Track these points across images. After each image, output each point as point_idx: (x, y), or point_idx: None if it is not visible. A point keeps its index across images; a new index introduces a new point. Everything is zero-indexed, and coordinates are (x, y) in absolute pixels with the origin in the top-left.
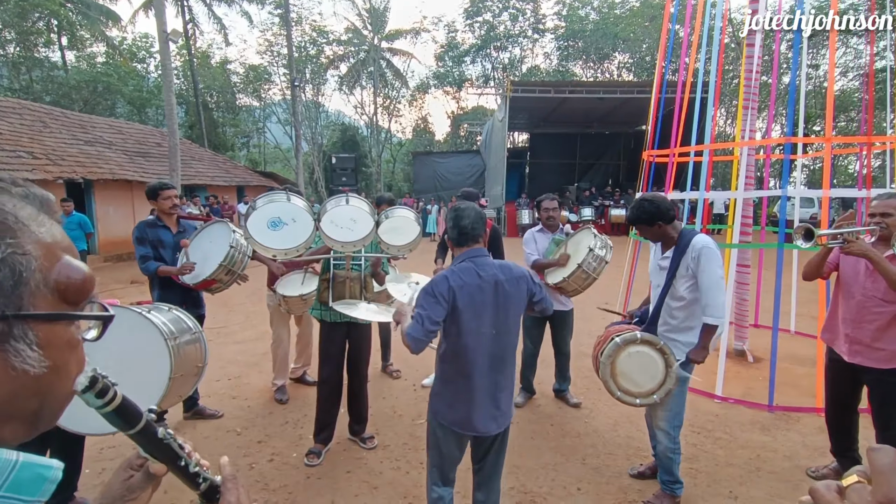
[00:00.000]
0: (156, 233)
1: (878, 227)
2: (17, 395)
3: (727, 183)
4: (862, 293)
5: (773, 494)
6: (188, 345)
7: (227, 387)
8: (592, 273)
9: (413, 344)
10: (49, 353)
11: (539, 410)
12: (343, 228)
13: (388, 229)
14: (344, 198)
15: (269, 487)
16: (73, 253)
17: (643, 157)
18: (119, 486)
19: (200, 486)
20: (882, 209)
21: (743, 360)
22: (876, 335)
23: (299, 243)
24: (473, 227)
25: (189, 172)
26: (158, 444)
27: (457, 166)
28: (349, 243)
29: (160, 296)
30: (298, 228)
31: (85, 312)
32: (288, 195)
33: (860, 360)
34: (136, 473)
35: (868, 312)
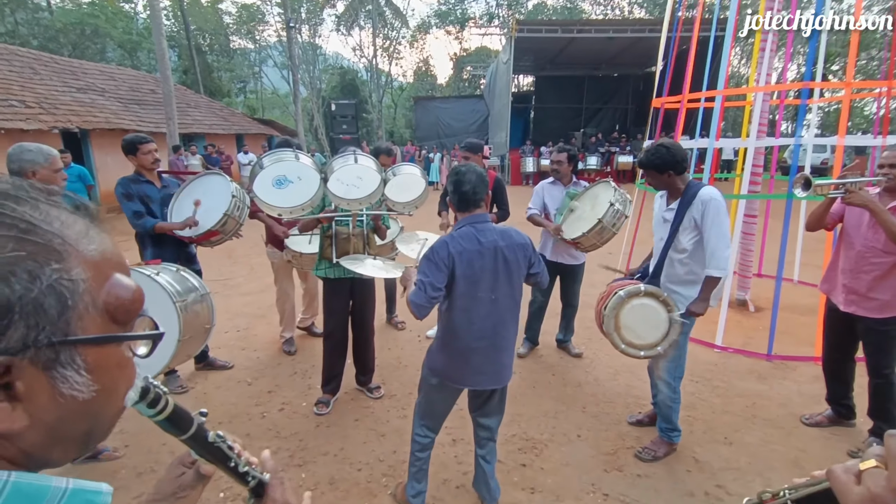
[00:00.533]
0: (141, 188)
1: (885, 179)
2: (66, 420)
3: (738, 127)
4: (862, 244)
5: (766, 441)
6: (196, 305)
7: (235, 338)
8: (612, 228)
9: (416, 310)
10: (98, 377)
11: (541, 361)
12: (349, 186)
13: (394, 186)
14: (352, 156)
15: (281, 435)
16: (124, 268)
17: (653, 105)
18: (171, 484)
19: (249, 483)
20: (891, 160)
21: (744, 309)
22: (872, 285)
23: (304, 201)
24: (475, 191)
25: (186, 121)
26: (209, 447)
27: (460, 112)
28: (355, 200)
29: (153, 254)
30: (304, 186)
31: (135, 333)
32: (296, 153)
33: (854, 309)
34: (187, 471)
35: (866, 263)
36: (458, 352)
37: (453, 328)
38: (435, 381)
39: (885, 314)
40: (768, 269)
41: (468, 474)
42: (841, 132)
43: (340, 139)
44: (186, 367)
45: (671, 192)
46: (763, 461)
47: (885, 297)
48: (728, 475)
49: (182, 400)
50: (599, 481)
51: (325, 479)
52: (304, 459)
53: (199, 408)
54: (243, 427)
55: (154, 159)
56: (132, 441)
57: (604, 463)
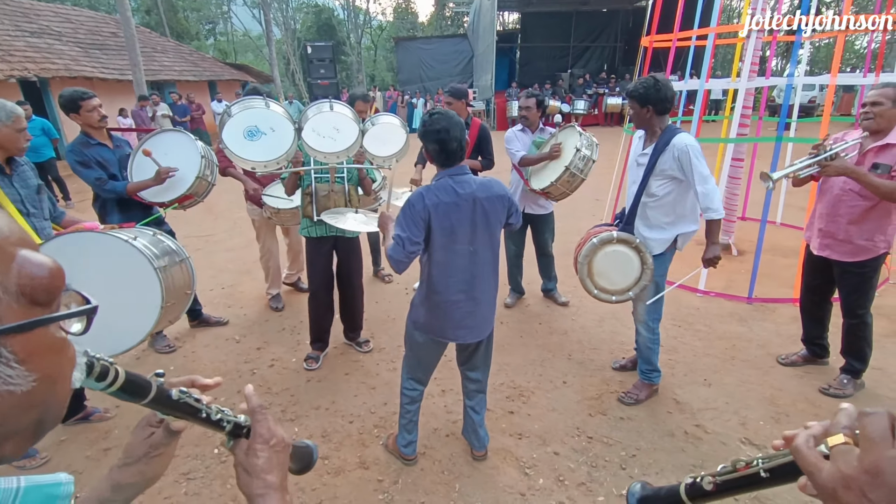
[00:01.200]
0: (96, 152)
1: (866, 118)
2: (9, 416)
3: (727, 65)
4: (840, 187)
5: (744, 381)
6: (175, 269)
7: (221, 296)
8: (580, 174)
9: (395, 265)
10: (33, 366)
11: (528, 310)
12: (326, 138)
13: (373, 137)
14: (327, 103)
15: (272, 391)
16: (29, 244)
17: (642, 44)
18: (141, 446)
19: (226, 427)
20: (873, 98)
21: (727, 253)
22: (847, 229)
23: (280, 154)
24: (461, 147)
25: (153, 67)
26: (175, 405)
27: (443, 53)
28: (333, 154)
29: (121, 219)
30: (278, 138)
31: (61, 312)
32: (266, 101)
33: (828, 253)
34: (156, 431)
35: (843, 206)
36: (438, 305)
37: (433, 281)
38: (419, 336)
39: (858, 258)
40: (752, 212)
41: (457, 423)
42: (834, 71)
43: (318, 84)
44: (175, 325)
45: (648, 133)
46: (740, 400)
47: (860, 241)
48: (707, 415)
49: (170, 360)
50: (584, 425)
51: (317, 433)
52: (296, 414)
53: (188, 367)
54: (234, 384)
55: (101, 116)
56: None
57: (588, 407)
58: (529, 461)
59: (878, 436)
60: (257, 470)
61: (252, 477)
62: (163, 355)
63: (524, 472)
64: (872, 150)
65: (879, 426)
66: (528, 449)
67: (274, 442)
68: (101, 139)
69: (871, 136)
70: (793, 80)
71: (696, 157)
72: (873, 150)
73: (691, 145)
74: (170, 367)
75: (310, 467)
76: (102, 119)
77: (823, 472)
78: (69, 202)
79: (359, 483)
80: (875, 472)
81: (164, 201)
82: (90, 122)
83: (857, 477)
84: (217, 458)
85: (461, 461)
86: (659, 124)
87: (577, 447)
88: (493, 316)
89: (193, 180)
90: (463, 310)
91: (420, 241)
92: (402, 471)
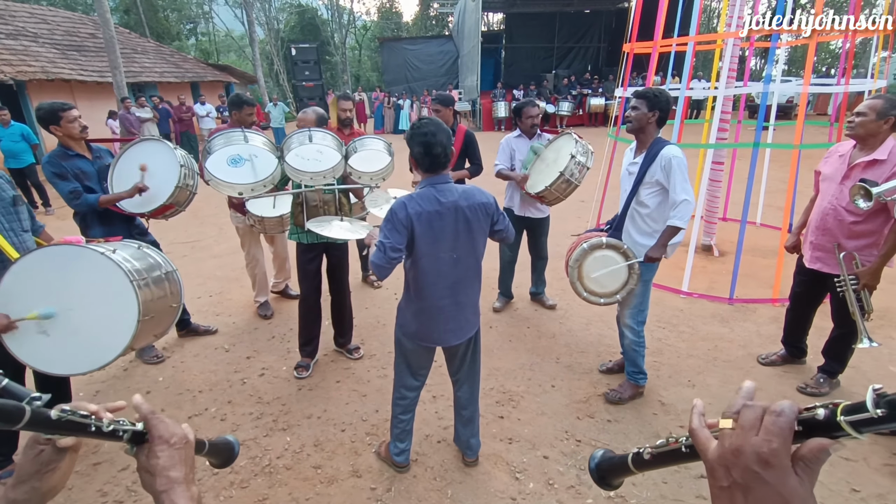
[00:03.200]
0: (74, 164)
1: (849, 126)
2: None
3: (708, 64)
4: (829, 201)
5: (726, 381)
6: (159, 284)
7: (209, 304)
8: (574, 180)
9: (377, 271)
10: None
11: (517, 314)
12: (310, 160)
13: (358, 159)
14: (307, 134)
15: (263, 400)
16: None
17: (624, 49)
18: (32, 464)
19: (123, 437)
20: (860, 108)
21: (709, 254)
22: (841, 243)
23: (265, 177)
24: (446, 154)
25: (134, 69)
26: (57, 425)
27: (428, 54)
28: (318, 174)
29: (103, 232)
30: (261, 162)
31: None
32: (244, 135)
33: (819, 266)
34: (45, 448)
35: (831, 220)
36: (422, 311)
37: (418, 287)
38: (407, 342)
39: (852, 271)
40: (733, 212)
41: (449, 429)
42: (806, 79)
43: (303, 86)
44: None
45: (641, 141)
46: (723, 401)
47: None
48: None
49: (159, 371)
50: (573, 428)
51: (310, 442)
52: (288, 423)
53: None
54: (224, 394)
55: (82, 127)
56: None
57: (577, 411)
58: (520, 465)
59: (748, 424)
60: (159, 469)
61: (155, 476)
62: (151, 366)
63: (514, 477)
64: (860, 165)
65: (751, 416)
66: (519, 453)
67: (174, 440)
68: (80, 150)
69: (861, 149)
70: (768, 87)
71: (679, 169)
72: (861, 164)
73: (677, 157)
74: (159, 378)
75: (231, 460)
76: (83, 130)
77: (709, 450)
78: (49, 209)
79: (352, 492)
80: (737, 453)
81: (145, 212)
82: (71, 134)
83: (726, 456)
84: (210, 471)
85: (453, 467)
86: (653, 133)
87: (566, 450)
88: (476, 318)
89: (173, 190)
90: (447, 314)
91: (402, 248)
92: (394, 478)
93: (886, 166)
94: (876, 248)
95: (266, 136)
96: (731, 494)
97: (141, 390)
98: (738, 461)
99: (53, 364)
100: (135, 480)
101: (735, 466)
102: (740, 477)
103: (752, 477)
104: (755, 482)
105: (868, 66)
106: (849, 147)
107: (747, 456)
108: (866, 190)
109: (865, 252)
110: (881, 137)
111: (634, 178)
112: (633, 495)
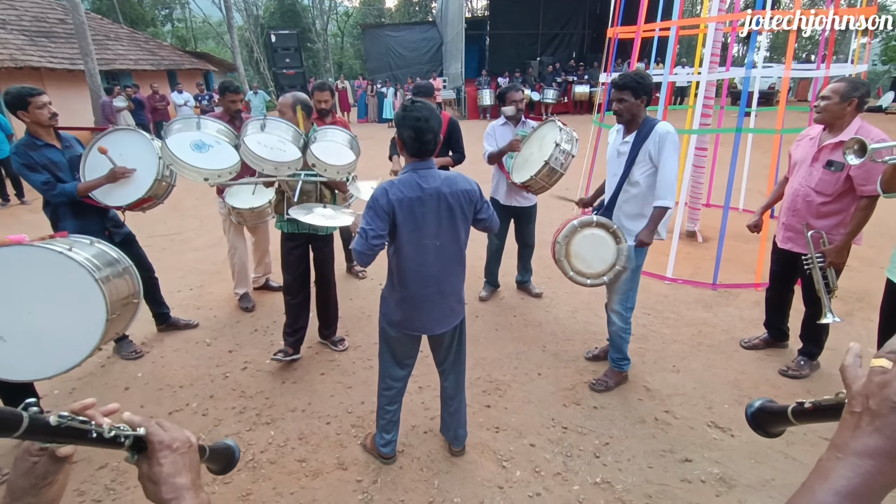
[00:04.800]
0: (43, 155)
1: (816, 111)
2: None
3: (692, 49)
4: (799, 182)
5: (710, 365)
6: (119, 280)
7: (189, 297)
8: (560, 169)
9: (359, 258)
10: None
11: (503, 303)
12: (273, 149)
13: (325, 150)
14: (259, 122)
15: (246, 395)
16: None
17: (608, 34)
18: (25, 478)
19: (124, 443)
20: (825, 92)
21: (693, 240)
22: (810, 223)
23: (233, 164)
24: (435, 141)
25: (107, 56)
26: (55, 431)
27: (411, 41)
28: (283, 164)
29: (75, 227)
30: (227, 149)
31: None
32: (199, 121)
33: (790, 245)
34: (39, 459)
35: (801, 201)
36: (406, 299)
37: (401, 275)
38: (392, 331)
39: (819, 250)
40: (716, 198)
41: (435, 419)
42: (788, 64)
43: (284, 74)
44: (142, 330)
45: (631, 123)
46: (707, 385)
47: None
48: (676, 400)
49: (138, 366)
50: (559, 415)
51: (294, 435)
52: (272, 417)
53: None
54: (206, 389)
55: (51, 114)
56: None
57: (563, 398)
58: (507, 454)
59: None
60: (164, 476)
61: (159, 485)
62: (130, 362)
63: (502, 465)
64: (828, 147)
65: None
66: (506, 442)
67: (177, 445)
68: (49, 140)
69: (829, 132)
70: (750, 73)
71: (672, 145)
72: (829, 146)
73: (672, 133)
74: (137, 373)
75: (232, 465)
76: (53, 117)
77: (857, 382)
78: (24, 200)
79: (337, 484)
80: (883, 385)
81: (122, 205)
82: (40, 121)
83: (871, 387)
84: None
85: (440, 457)
86: (642, 114)
87: (553, 438)
88: (461, 306)
89: (152, 183)
90: (431, 303)
91: (384, 234)
92: (380, 470)
93: None
94: (843, 228)
95: (224, 123)
96: (859, 418)
97: (119, 387)
98: (881, 392)
99: (15, 370)
100: (113, 479)
101: (875, 396)
102: (875, 405)
103: (887, 406)
104: (887, 409)
105: (848, 53)
106: (819, 130)
107: (891, 389)
108: (861, 144)
109: (834, 231)
110: (847, 119)
111: (626, 158)
112: (618, 480)
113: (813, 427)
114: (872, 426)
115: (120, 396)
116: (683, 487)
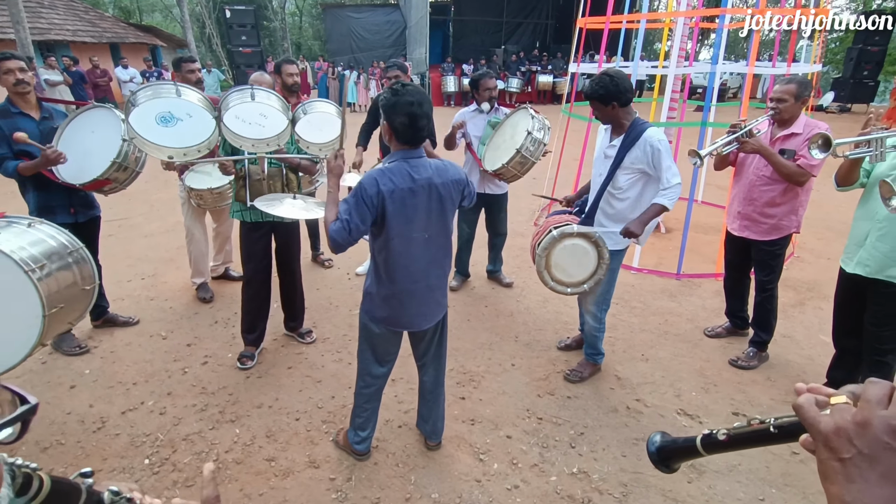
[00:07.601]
0: (11, 123)
1: (774, 112)
2: None
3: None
4: (753, 173)
5: (676, 354)
6: (64, 270)
7: (141, 287)
8: (531, 157)
9: (334, 247)
10: None
11: (474, 293)
12: (252, 125)
13: (306, 124)
14: (248, 91)
15: (208, 391)
16: None
17: (577, 24)
18: None
19: None
20: (778, 94)
21: (657, 231)
22: (763, 210)
23: (201, 141)
24: (429, 125)
25: (40, 25)
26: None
27: (374, 23)
28: (262, 141)
29: (37, 200)
30: (197, 124)
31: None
32: (178, 88)
33: (747, 234)
34: None
35: (756, 190)
36: (394, 295)
37: (389, 270)
38: (375, 327)
39: (772, 236)
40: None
41: (409, 413)
42: (752, 62)
43: (240, 52)
44: (85, 324)
45: (615, 126)
46: (674, 373)
47: (773, 221)
48: (645, 389)
49: (85, 362)
50: (533, 406)
51: (261, 433)
52: (236, 414)
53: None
54: (163, 386)
55: (16, 80)
56: None
57: (537, 388)
58: (483, 447)
59: (875, 398)
60: None
61: None
62: (74, 357)
63: (479, 458)
64: (780, 139)
65: (879, 391)
66: (482, 434)
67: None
68: (27, 109)
69: (778, 126)
70: (716, 68)
71: (666, 153)
72: (780, 138)
73: (662, 140)
74: (84, 370)
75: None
76: (19, 83)
77: (821, 423)
78: None
79: (309, 483)
80: (864, 425)
81: (77, 184)
82: (6, 87)
83: (847, 428)
84: (149, 470)
85: (415, 452)
86: (625, 117)
87: (528, 429)
88: (445, 300)
89: (108, 165)
90: (419, 298)
91: (367, 226)
92: (354, 467)
93: (801, 137)
94: (794, 215)
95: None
96: (856, 465)
97: (64, 385)
98: (865, 432)
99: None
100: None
101: (861, 437)
102: (867, 448)
103: (882, 447)
104: (885, 452)
105: (795, 53)
106: (767, 125)
107: (877, 427)
108: (826, 139)
109: (786, 219)
110: (796, 114)
111: (612, 162)
112: (594, 470)
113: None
114: (876, 473)
115: (65, 395)
116: (657, 475)
